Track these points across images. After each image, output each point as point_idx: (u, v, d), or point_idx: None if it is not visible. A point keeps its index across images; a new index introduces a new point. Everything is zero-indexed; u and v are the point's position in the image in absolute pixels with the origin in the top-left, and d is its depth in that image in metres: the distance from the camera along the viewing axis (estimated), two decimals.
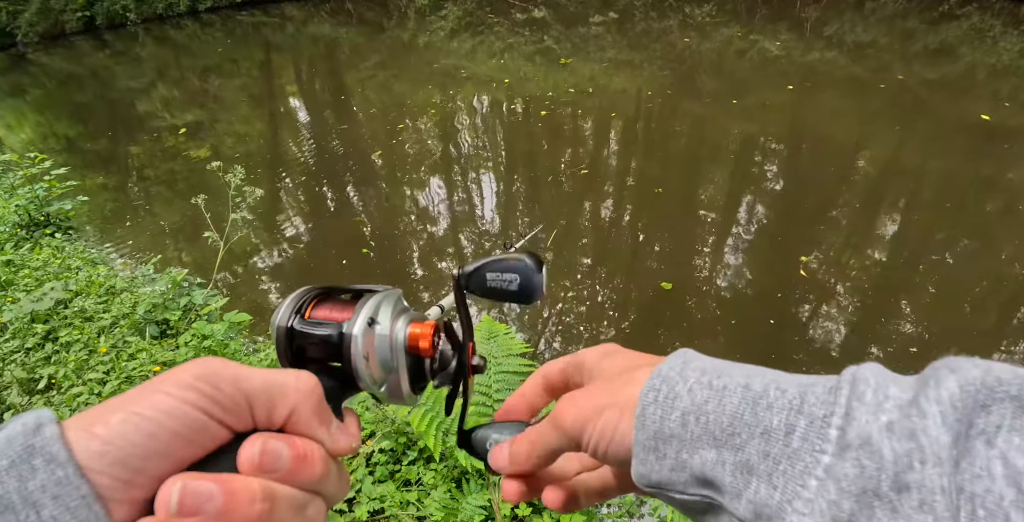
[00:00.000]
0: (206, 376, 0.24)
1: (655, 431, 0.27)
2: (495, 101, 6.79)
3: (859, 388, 0.23)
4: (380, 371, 0.30)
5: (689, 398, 0.26)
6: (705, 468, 0.25)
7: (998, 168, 4.15)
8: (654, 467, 0.27)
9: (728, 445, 0.25)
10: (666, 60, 7.55)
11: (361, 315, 0.30)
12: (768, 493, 0.23)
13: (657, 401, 0.27)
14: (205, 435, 0.24)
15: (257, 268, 3.99)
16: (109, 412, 0.23)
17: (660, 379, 0.28)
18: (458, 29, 10.05)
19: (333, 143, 5.98)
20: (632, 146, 5.46)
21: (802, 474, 0.22)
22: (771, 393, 0.25)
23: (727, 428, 0.25)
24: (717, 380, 0.27)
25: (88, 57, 11.34)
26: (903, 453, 0.21)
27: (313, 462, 0.26)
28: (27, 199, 4.01)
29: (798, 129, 5.30)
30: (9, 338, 2.72)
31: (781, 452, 0.23)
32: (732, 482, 0.24)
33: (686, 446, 0.26)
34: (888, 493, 0.20)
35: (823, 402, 0.23)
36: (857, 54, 7.04)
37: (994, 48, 6.77)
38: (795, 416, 0.24)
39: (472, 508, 1.71)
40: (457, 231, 4.27)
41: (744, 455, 0.24)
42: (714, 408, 0.26)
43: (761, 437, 0.24)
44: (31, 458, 0.21)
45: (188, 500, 0.21)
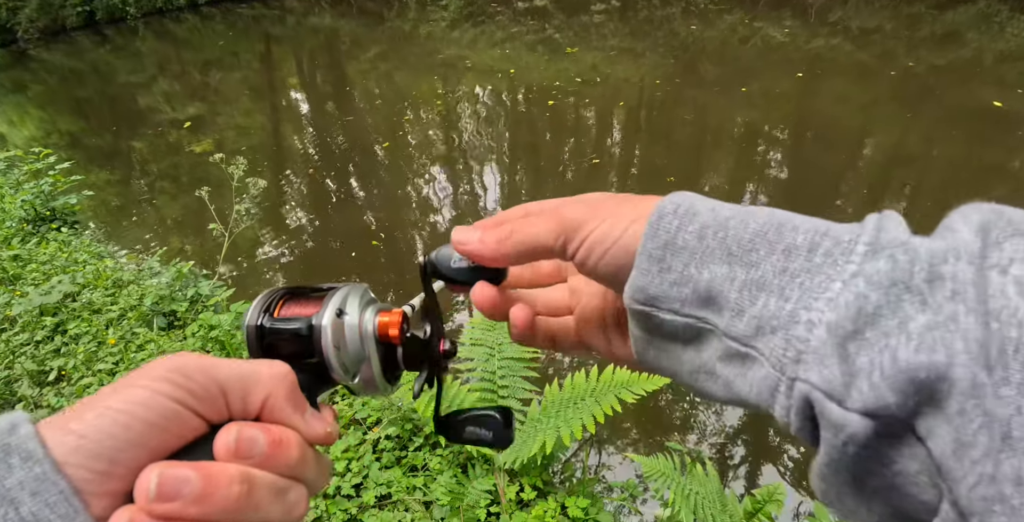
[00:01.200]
0: (178, 367, 0.24)
1: (666, 241, 0.25)
2: (501, 92, 6.75)
3: (887, 218, 0.23)
4: (352, 361, 0.31)
5: (711, 215, 0.25)
6: (712, 284, 0.24)
7: (1015, 155, 4.09)
8: (655, 279, 0.25)
9: (743, 261, 0.23)
10: (672, 48, 7.49)
11: (329, 307, 0.30)
12: (778, 305, 0.22)
13: (676, 213, 0.25)
14: (180, 425, 0.24)
15: (263, 259, 4.01)
16: (83, 409, 0.23)
17: (681, 196, 0.26)
18: (459, 19, 9.97)
19: (339, 135, 5.97)
20: (641, 135, 5.43)
21: (822, 283, 0.21)
22: (797, 219, 0.24)
23: (746, 244, 0.23)
24: (742, 207, 0.25)
25: (89, 52, 11.33)
26: (939, 250, 0.20)
27: (289, 447, 0.26)
28: (33, 194, 4.04)
29: (808, 117, 5.24)
30: (19, 331, 2.75)
31: (801, 267, 0.22)
32: (737, 298, 0.23)
33: (696, 259, 0.24)
34: (920, 285, 0.20)
35: (850, 230, 0.22)
36: (864, 40, 6.96)
37: (1001, 34, 6.67)
38: (820, 237, 0.22)
39: (477, 493, 1.73)
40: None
41: (758, 272, 0.23)
42: (736, 224, 0.24)
43: (782, 253, 0.23)
44: (7, 457, 0.21)
45: (166, 485, 0.22)
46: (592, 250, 0.27)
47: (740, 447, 2.33)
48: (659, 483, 1.43)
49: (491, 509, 1.73)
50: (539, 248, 0.29)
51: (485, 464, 1.87)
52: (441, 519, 1.71)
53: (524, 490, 1.77)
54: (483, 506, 1.71)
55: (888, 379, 0.19)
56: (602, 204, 0.28)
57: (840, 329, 0.20)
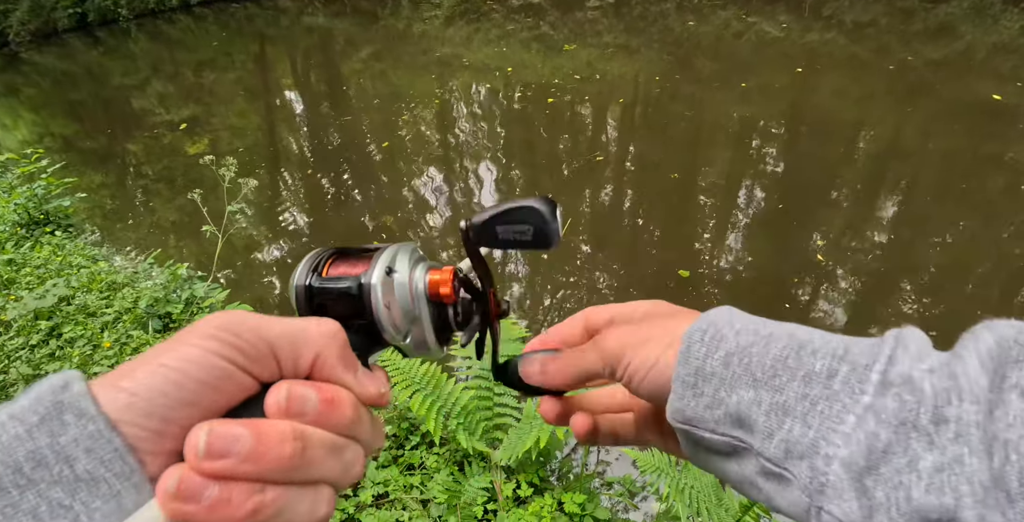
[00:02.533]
0: (227, 325, 0.24)
1: (697, 368, 0.27)
2: (499, 90, 6.73)
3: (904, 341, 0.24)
4: (403, 320, 0.30)
5: (735, 340, 0.27)
6: (741, 407, 0.25)
7: (1018, 148, 4.08)
8: (690, 403, 0.27)
9: (767, 386, 0.25)
10: (668, 44, 7.47)
11: (378, 265, 0.30)
12: (802, 432, 0.23)
13: (703, 340, 0.27)
14: (231, 383, 0.24)
15: (258, 260, 4.00)
16: (135, 367, 0.23)
17: (707, 322, 0.28)
18: (453, 17, 9.94)
19: (337, 135, 5.95)
20: (642, 132, 5.42)
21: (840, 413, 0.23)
22: (816, 342, 0.25)
23: (768, 370, 0.25)
24: (763, 329, 0.27)
25: (81, 54, 11.27)
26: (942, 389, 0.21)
27: (342, 405, 0.25)
28: (26, 198, 4.02)
29: (810, 112, 5.22)
30: (14, 335, 2.74)
31: (820, 394, 0.23)
32: (766, 422, 0.24)
33: (725, 385, 0.26)
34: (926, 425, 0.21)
35: (867, 353, 0.24)
36: (858, 35, 6.96)
37: (995, 26, 6.68)
38: (838, 362, 0.24)
39: (474, 490, 1.73)
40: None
41: (782, 396, 0.24)
42: (758, 351, 0.26)
43: (802, 380, 0.24)
44: (61, 414, 0.21)
45: (216, 443, 0.21)
46: (633, 376, 0.30)
47: None
48: (654, 478, 1.44)
49: (488, 506, 1.73)
50: (591, 376, 0.33)
51: (482, 462, 1.87)
52: (439, 517, 1.72)
53: (521, 487, 1.77)
54: (480, 503, 1.71)
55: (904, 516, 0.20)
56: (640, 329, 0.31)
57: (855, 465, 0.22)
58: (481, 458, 1.88)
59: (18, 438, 0.20)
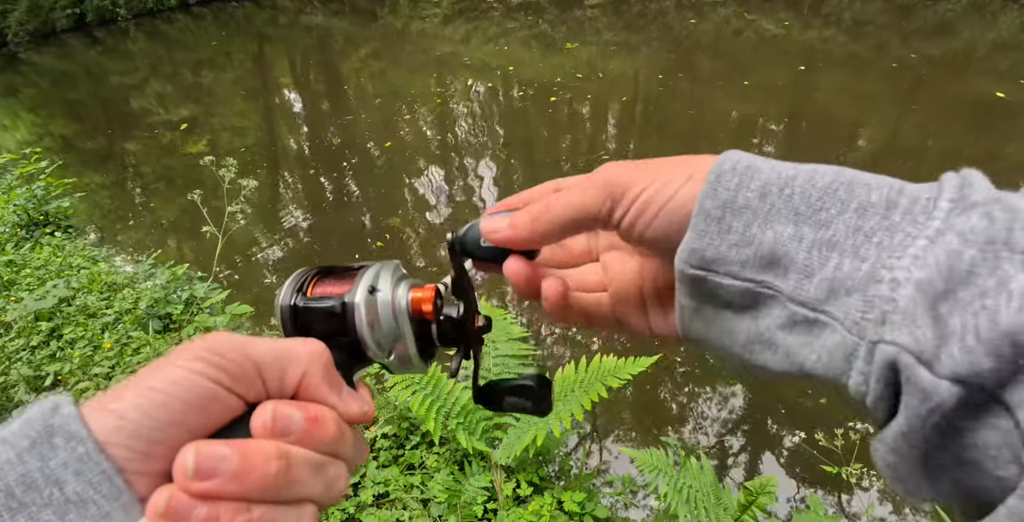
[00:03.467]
0: (213, 347, 0.24)
1: (726, 200, 0.23)
2: (501, 89, 6.72)
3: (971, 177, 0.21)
4: (386, 338, 0.31)
5: (773, 172, 0.23)
6: (777, 245, 0.22)
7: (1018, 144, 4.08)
8: (713, 240, 0.23)
9: (811, 220, 0.22)
10: (670, 42, 7.46)
11: (361, 284, 0.30)
12: (853, 265, 0.21)
13: (735, 170, 0.24)
14: (217, 404, 0.24)
15: (259, 260, 4.01)
16: (123, 390, 0.23)
17: (739, 153, 0.24)
18: (452, 15, 9.93)
19: (338, 135, 5.94)
20: (647, 130, 5.41)
21: (902, 243, 0.20)
22: (868, 177, 0.22)
23: (815, 203, 0.22)
24: (805, 165, 0.24)
25: (80, 54, 11.26)
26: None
27: (326, 424, 0.26)
28: (25, 198, 4.02)
29: (814, 110, 5.20)
30: (14, 337, 2.75)
31: (877, 225, 0.21)
32: (806, 259, 0.21)
33: (759, 219, 0.23)
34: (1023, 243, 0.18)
35: (928, 188, 0.21)
36: (858, 32, 6.95)
37: (994, 24, 6.67)
38: (897, 195, 0.21)
39: (475, 490, 1.74)
40: (470, 220, 4.22)
41: (829, 231, 0.21)
42: (803, 182, 0.22)
43: (855, 212, 0.21)
44: (51, 437, 0.21)
45: (204, 463, 0.22)
46: (642, 213, 0.25)
47: (736, 438, 2.35)
48: (652, 477, 1.44)
49: (488, 506, 1.74)
50: (582, 219, 0.27)
51: (482, 461, 1.87)
52: (439, 517, 1.72)
53: (521, 486, 1.77)
54: (480, 503, 1.72)
55: (985, 343, 0.17)
56: (649, 165, 0.26)
57: (931, 287, 0.19)
58: (481, 457, 1.88)
59: (9, 462, 0.20)
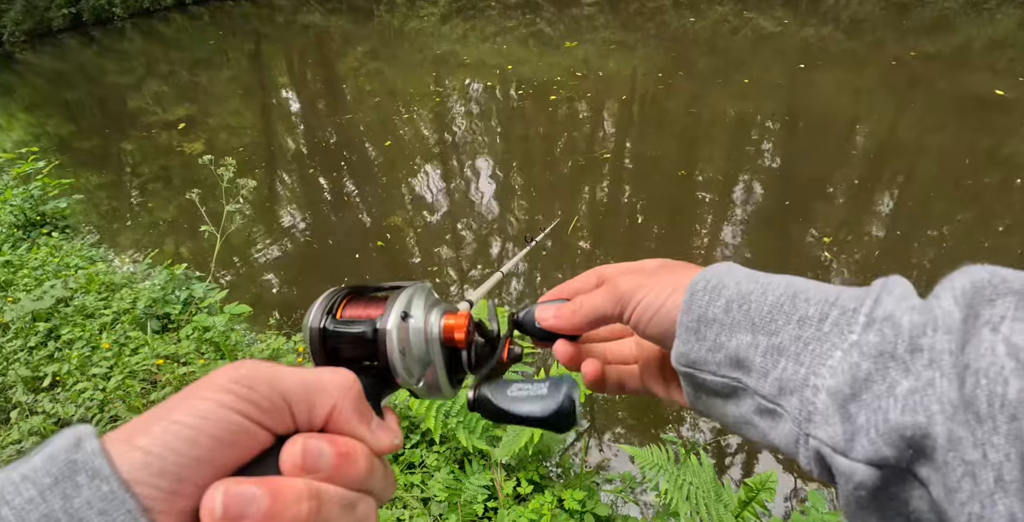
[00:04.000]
0: (241, 378, 0.24)
1: (700, 315, 0.29)
2: (501, 88, 6.69)
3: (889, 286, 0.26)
4: (417, 365, 0.30)
5: (735, 289, 0.29)
6: (740, 350, 0.27)
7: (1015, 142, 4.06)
8: (693, 347, 0.29)
9: (764, 330, 0.27)
10: (668, 40, 7.46)
11: (394, 310, 0.30)
12: (794, 369, 0.25)
13: (706, 289, 0.30)
14: (246, 438, 0.23)
15: (257, 260, 4.00)
16: (149, 422, 0.22)
17: (711, 272, 0.31)
18: (449, 14, 9.91)
19: (338, 134, 5.93)
20: (648, 128, 5.39)
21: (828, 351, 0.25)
22: (810, 290, 0.27)
23: (766, 315, 0.27)
24: (763, 278, 0.29)
25: (76, 54, 11.21)
26: (919, 323, 0.23)
27: (357, 460, 0.25)
28: (22, 199, 4.01)
29: (815, 108, 5.19)
30: (12, 337, 2.73)
31: (812, 335, 0.26)
32: (762, 362, 0.27)
33: (725, 330, 0.28)
34: (903, 355, 0.23)
35: (855, 297, 0.26)
36: (855, 30, 6.95)
37: (991, 21, 6.68)
38: (829, 307, 0.26)
39: (475, 488, 1.74)
40: (472, 221, 4.19)
41: (778, 339, 0.26)
42: (757, 298, 0.28)
43: (796, 323, 0.26)
44: (74, 475, 0.20)
45: (233, 504, 0.21)
46: (641, 317, 0.32)
47: (733, 436, 2.35)
48: (653, 474, 1.44)
49: (488, 504, 1.74)
50: (602, 317, 0.34)
51: (482, 460, 1.87)
52: (439, 515, 1.72)
53: (521, 485, 1.77)
54: (480, 501, 1.72)
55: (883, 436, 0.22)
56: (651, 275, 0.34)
57: (839, 393, 0.24)
58: (481, 456, 1.88)
59: (31, 501, 0.20)
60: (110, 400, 2.29)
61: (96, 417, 2.22)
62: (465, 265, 3.70)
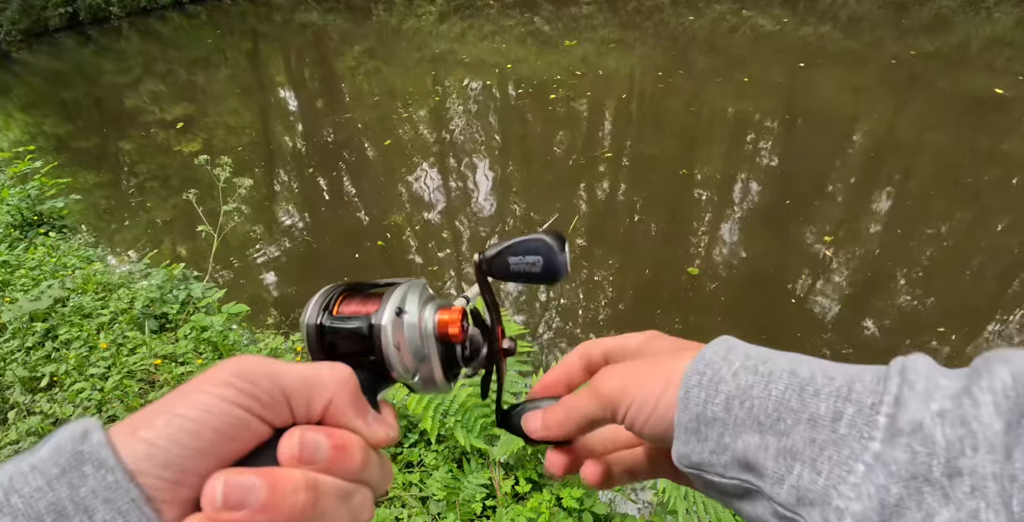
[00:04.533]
0: (242, 373, 0.25)
1: (698, 413, 0.27)
2: (500, 87, 6.68)
3: (909, 377, 0.23)
4: (412, 360, 0.31)
5: (734, 382, 0.26)
6: (748, 452, 0.25)
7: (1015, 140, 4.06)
8: (695, 448, 0.27)
9: (772, 430, 0.24)
10: (666, 39, 7.45)
11: (388, 306, 0.30)
12: (812, 478, 0.23)
13: (701, 384, 0.27)
14: (246, 431, 0.24)
15: (255, 260, 3.99)
16: (151, 415, 0.23)
17: (704, 362, 0.28)
18: (447, 12, 9.90)
19: (336, 133, 5.91)
20: (649, 127, 5.38)
21: (848, 459, 0.22)
22: (818, 380, 0.25)
23: (772, 413, 0.25)
24: (763, 366, 0.26)
25: (73, 53, 11.18)
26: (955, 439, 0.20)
27: (352, 452, 0.26)
28: (19, 198, 4.00)
29: (817, 107, 5.17)
30: (9, 338, 2.73)
31: (828, 438, 0.23)
32: (775, 467, 0.24)
33: (729, 430, 0.26)
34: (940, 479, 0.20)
35: (871, 391, 0.23)
36: (853, 29, 6.95)
37: (988, 20, 6.68)
38: (843, 403, 0.23)
39: (473, 487, 1.74)
40: (472, 221, 4.19)
41: (789, 441, 0.24)
42: (759, 393, 0.25)
43: (807, 423, 0.23)
44: (80, 465, 0.21)
45: (232, 494, 0.22)
46: (635, 420, 0.30)
47: None
48: None
49: (487, 503, 1.74)
50: (592, 423, 0.32)
51: (480, 459, 1.87)
52: (438, 514, 1.72)
53: (519, 483, 1.78)
54: (479, 500, 1.72)
55: None
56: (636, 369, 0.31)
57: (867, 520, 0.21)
58: (479, 455, 1.88)
59: (39, 490, 0.21)
60: (108, 400, 2.29)
61: (94, 417, 2.22)
62: (465, 265, 3.70)
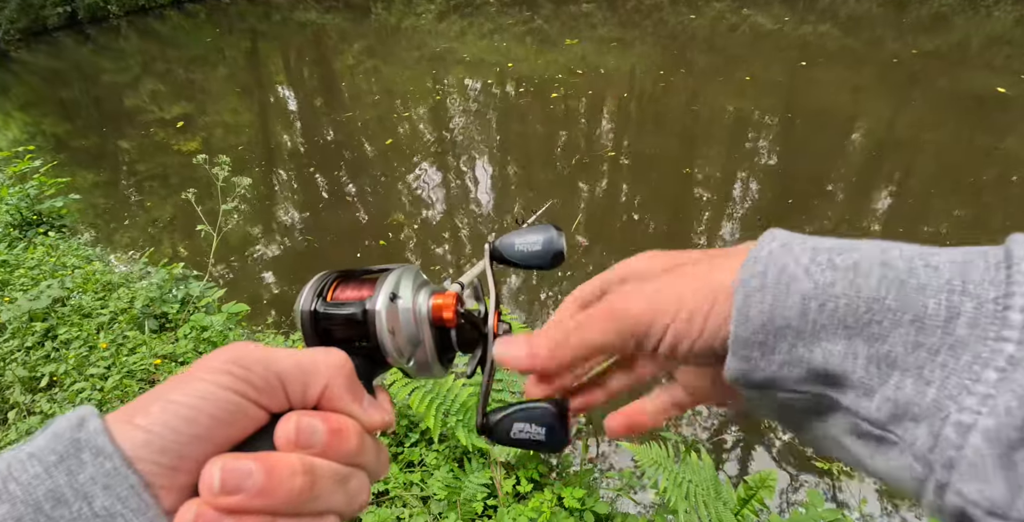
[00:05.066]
0: (237, 359, 0.25)
1: (763, 323, 0.22)
2: (501, 86, 6.66)
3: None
4: (407, 344, 0.31)
5: (809, 280, 0.21)
6: (829, 362, 0.21)
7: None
8: (759, 364, 0.22)
9: (863, 334, 0.20)
10: (665, 38, 7.45)
11: (382, 291, 0.30)
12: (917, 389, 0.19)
13: (765, 286, 0.22)
14: (242, 417, 0.24)
15: (254, 259, 3.99)
16: (148, 402, 0.23)
17: (764, 261, 0.22)
18: (447, 11, 9.89)
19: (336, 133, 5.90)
20: (652, 126, 5.37)
21: (972, 365, 0.18)
22: (919, 271, 0.20)
23: (863, 316, 0.20)
24: (840, 257, 0.21)
25: (72, 52, 11.16)
26: None
27: (348, 436, 0.26)
28: (18, 198, 3.99)
29: (817, 105, 5.16)
30: (8, 338, 2.73)
31: (940, 341, 0.19)
32: (864, 377, 0.20)
33: (804, 339, 0.21)
34: None
35: (993, 280, 0.19)
36: (854, 27, 6.95)
37: (988, 19, 6.68)
38: (958, 297, 0.19)
39: (474, 486, 1.74)
40: (473, 219, 4.16)
41: (885, 346, 0.20)
42: (844, 290, 0.20)
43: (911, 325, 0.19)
44: (79, 452, 0.21)
45: (229, 478, 0.22)
46: (678, 345, 0.24)
47: (731, 434, 2.35)
48: (652, 471, 1.44)
49: (488, 502, 1.74)
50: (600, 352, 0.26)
51: (481, 458, 1.87)
52: (439, 514, 1.72)
53: (520, 483, 1.77)
54: (480, 499, 1.72)
55: None
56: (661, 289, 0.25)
57: (1003, 438, 0.17)
58: (481, 454, 1.88)
59: (38, 477, 0.21)
60: (108, 400, 2.28)
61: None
62: (464, 263, 3.70)
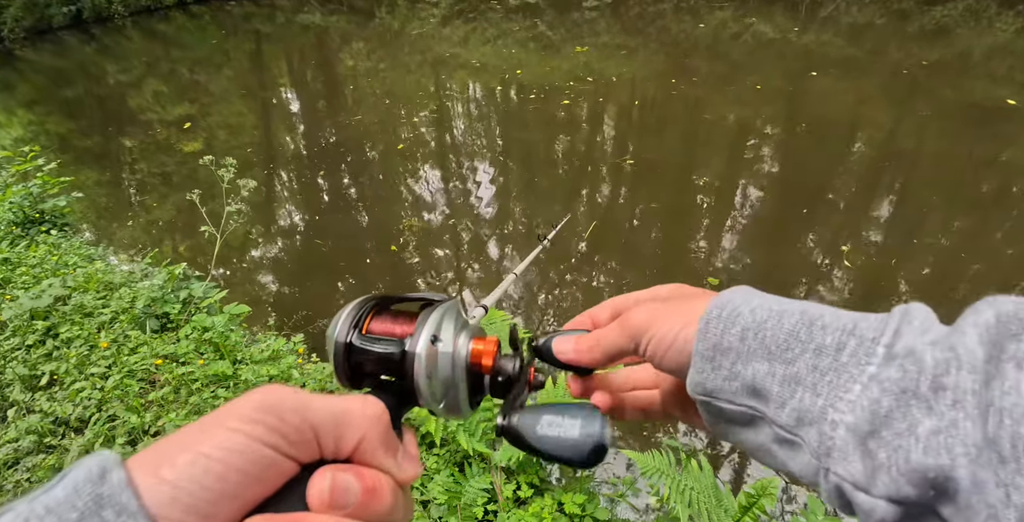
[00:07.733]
0: (269, 407, 0.24)
1: (715, 343, 0.29)
2: (507, 92, 6.66)
3: (909, 316, 0.25)
4: (441, 388, 0.30)
5: (751, 317, 0.28)
6: (756, 379, 0.27)
7: None
8: (709, 376, 0.29)
9: (780, 359, 0.27)
10: (668, 45, 7.48)
11: (424, 332, 0.29)
12: (812, 400, 0.25)
13: (720, 317, 0.29)
14: (273, 471, 0.23)
15: (257, 260, 3.99)
16: (175, 452, 0.22)
17: (725, 300, 0.30)
18: (450, 16, 9.93)
19: (340, 135, 5.92)
20: (660, 135, 5.36)
21: (847, 383, 0.24)
22: (827, 317, 0.27)
23: (782, 344, 0.27)
24: (777, 305, 0.29)
25: (76, 52, 11.19)
26: (942, 360, 0.23)
27: (383, 494, 0.25)
28: (21, 196, 3.99)
29: (835, 115, 5.15)
30: (9, 336, 2.72)
31: (829, 365, 0.25)
32: (779, 392, 0.26)
33: (741, 358, 0.28)
34: (925, 393, 0.22)
35: (874, 327, 0.25)
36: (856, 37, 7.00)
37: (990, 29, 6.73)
38: (847, 336, 0.26)
39: (475, 491, 1.73)
40: (485, 225, 4.15)
41: (794, 368, 0.26)
42: (772, 326, 0.28)
43: (813, 353, 0.26)
44: (100, 509, 0.20)
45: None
46: (656, 351, 0.32)
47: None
48: (654, 479, 1.44)
49: (488, 507, 1.73)
50: (619, 353, 0.34)
51: (482, 463, 1.87)
52: (439, 518, 1.72)
53: (521, 488, 1.77)
54: (480, 504, 1.72)
55: (904, 475, 0.22)
56: (663, 306, 0.33)
57: (859, 429, 0.23)
58: (481, 459, 1.88)
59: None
60: (108, 399, 2.28)
61: (94, 416, 2.21)
62: (476, 267, 3.69)
